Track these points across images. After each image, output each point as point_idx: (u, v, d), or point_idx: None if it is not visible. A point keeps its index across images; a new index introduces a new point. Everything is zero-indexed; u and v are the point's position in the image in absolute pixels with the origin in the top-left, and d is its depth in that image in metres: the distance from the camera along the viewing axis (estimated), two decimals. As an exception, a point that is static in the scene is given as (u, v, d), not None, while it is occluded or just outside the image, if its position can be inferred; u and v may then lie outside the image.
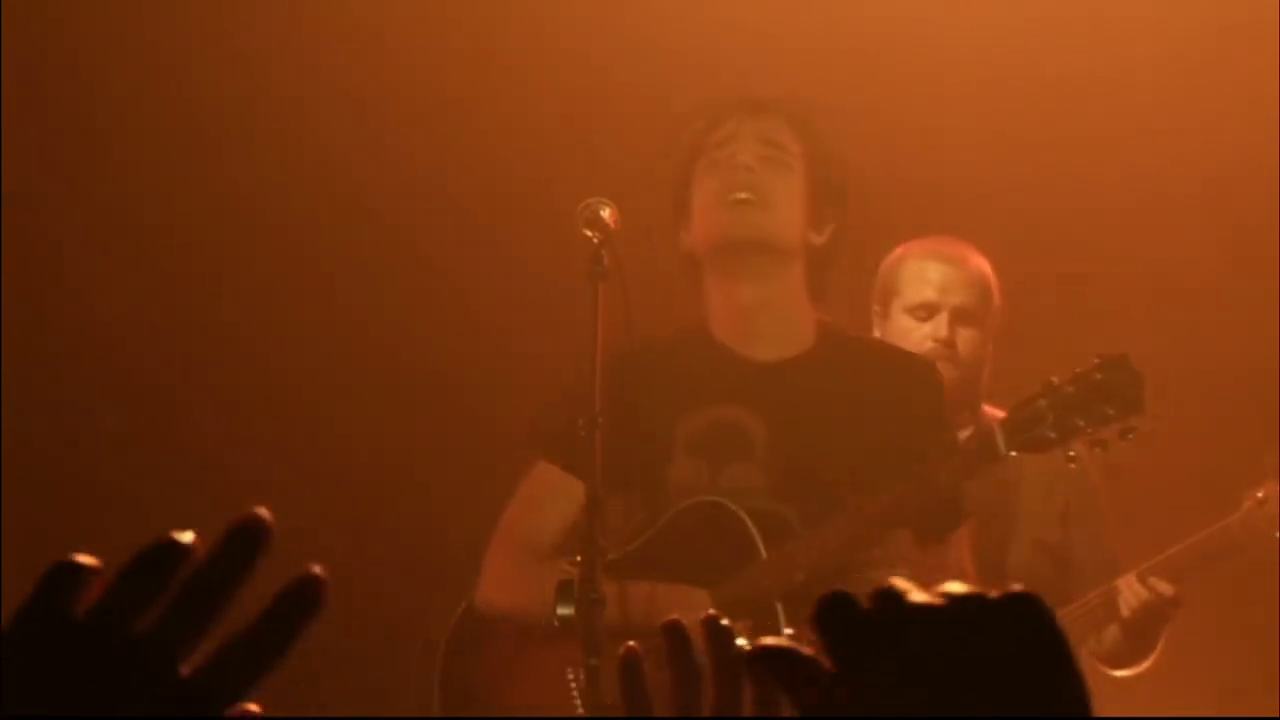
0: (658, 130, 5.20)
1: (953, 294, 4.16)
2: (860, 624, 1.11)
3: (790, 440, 3.68)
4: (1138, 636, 4.11)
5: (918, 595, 1.14)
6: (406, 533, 5.38)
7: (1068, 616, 4.09)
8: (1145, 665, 4.21)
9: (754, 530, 3.55)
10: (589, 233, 3.53)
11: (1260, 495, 4.03)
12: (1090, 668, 4.25)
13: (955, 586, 1.15)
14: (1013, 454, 3.56)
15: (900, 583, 1.14)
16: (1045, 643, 1.15)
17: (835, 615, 1.12)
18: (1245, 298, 5.28)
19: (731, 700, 1.26)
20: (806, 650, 1.13)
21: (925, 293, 4.18)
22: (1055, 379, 3.56)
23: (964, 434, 3.94)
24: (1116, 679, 4.28)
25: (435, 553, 5.01)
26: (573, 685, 3.65)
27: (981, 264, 4.23)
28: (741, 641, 1.26)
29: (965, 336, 4.17)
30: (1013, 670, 1.12)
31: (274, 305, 5.46)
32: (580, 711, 3.60)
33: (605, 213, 3.54)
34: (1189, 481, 4.83)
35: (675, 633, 1.29)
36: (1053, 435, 3.53)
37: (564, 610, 3.42)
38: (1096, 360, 3.56)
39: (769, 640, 1.14)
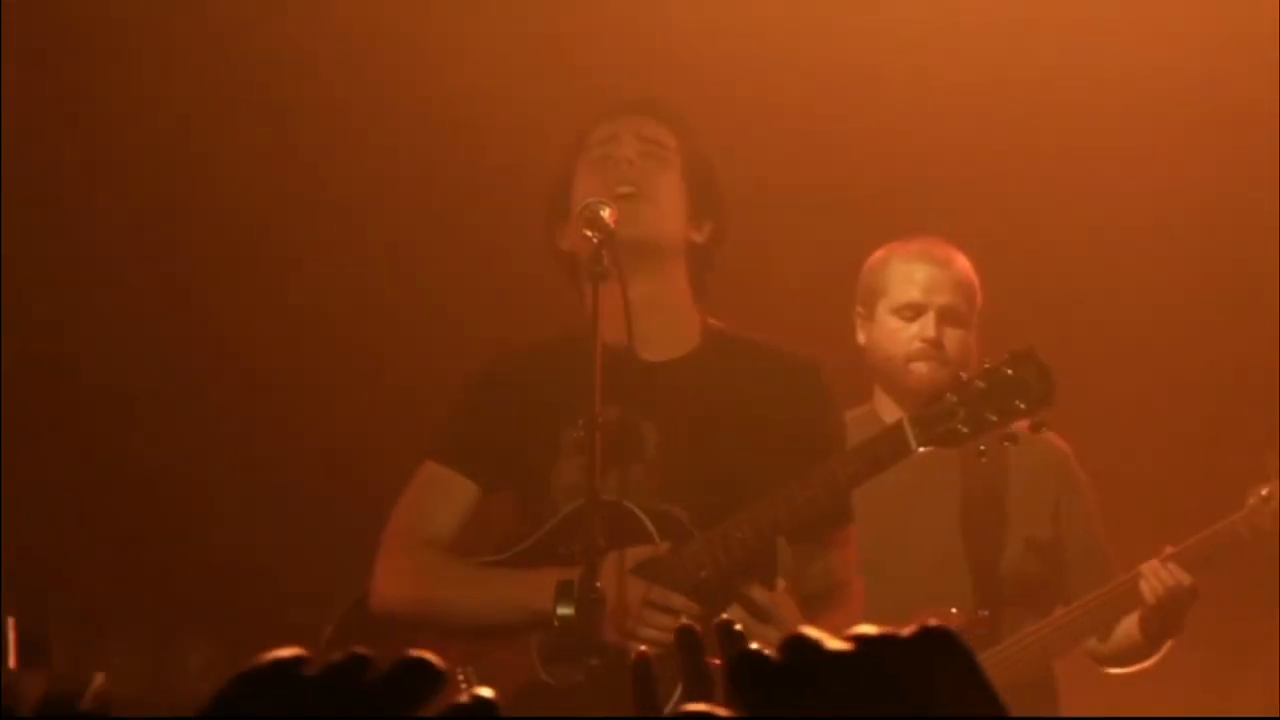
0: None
1: (939, 294, 4.19)
2: (773, 676, 1.12)
3: (679, 440, 3.67)
4: (1158, 625, 4.12)
5: (830, 643, 1.14)
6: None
7: (1082, 610, 4.10)
8: (1148, 663, 4.21)
9: (651, 528, 3.55)
10: (588, 233, 3.53)
11: (1265, 493, 4.06)
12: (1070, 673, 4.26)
13: (866, 629, 1.15)
14: (922, 450, 3.56)
15: (811, 631, 1.14)
16: (961, 676, 1.14)
17: (748, 669, 1.13)
18: (1245, 295, 5.28)
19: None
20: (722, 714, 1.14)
21: (911, 293, 4.20)
22: (964, 375, 3.58)
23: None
24: (1112, 681, 4.28)
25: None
26: (463, 685, 3.64)
27: (965, 265, 4.26)
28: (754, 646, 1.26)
29: (952, 336, 4.19)
30: (930, 706, 1.12)
31: (271, 307, 5.46)
32: None
33: (605, 213, 3.54)
34: (1192, 480, 4.84)
35: (688, 639, 1.28)
36: (965, 430, 3.53)
37: (564, 610, 3.41)
38: (1006, 355, 3.58)
39: (690, 708, 1.14)
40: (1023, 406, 3.54)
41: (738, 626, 1.24)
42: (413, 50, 5.33)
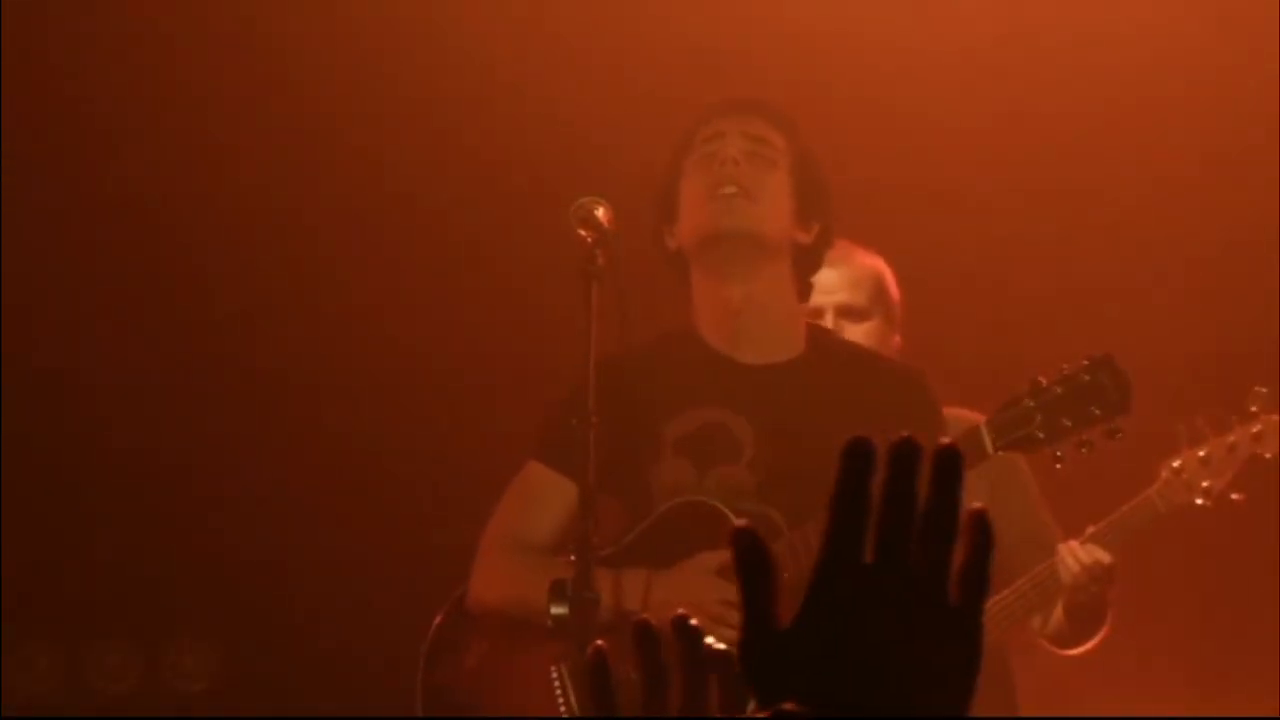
0: (654, 129, 5.22)
1: (834, 294, 4.20)
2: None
3: (778, 444, 3.68)
4: (1081, 608, 4.08)
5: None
6: (400, 533, 5.37)
7: (1014, 593, 4.09)
8: (1092, 644, 4.19)
9: None
10: (583, 232, 3.53)
11: (1176, 465, 4.03)
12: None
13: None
14: (999, 454, 3.56)
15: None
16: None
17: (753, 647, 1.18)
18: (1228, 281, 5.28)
19: (698, 700, 1.25)
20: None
21: (815, 298, 4.20)
22: (1043, 380, 3.58)
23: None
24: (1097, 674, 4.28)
25: (428, 553, 5.01)
26: (556, 683, 3.65)
27: (870, 261, 4.28)
28: (710, 640, 1.26)
29: (856, 334, 4.20)
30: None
31: (269, 305, 5.46)
32: (563, 709, 3.61)
33: (599, 212, 3.54)
34: (1106, 457, 4.81)
35: (644, 633, 1.28)
36: (1040, 436, 3.54)
37: (558, 610, 3.42)
38: (1085, 362, 3.58)
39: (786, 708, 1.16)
40: (1098, 413, 3.54)
41: (693, 621, 1.25)
42: (432, 46, 5.32)
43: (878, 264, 4.30)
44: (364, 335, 5.44)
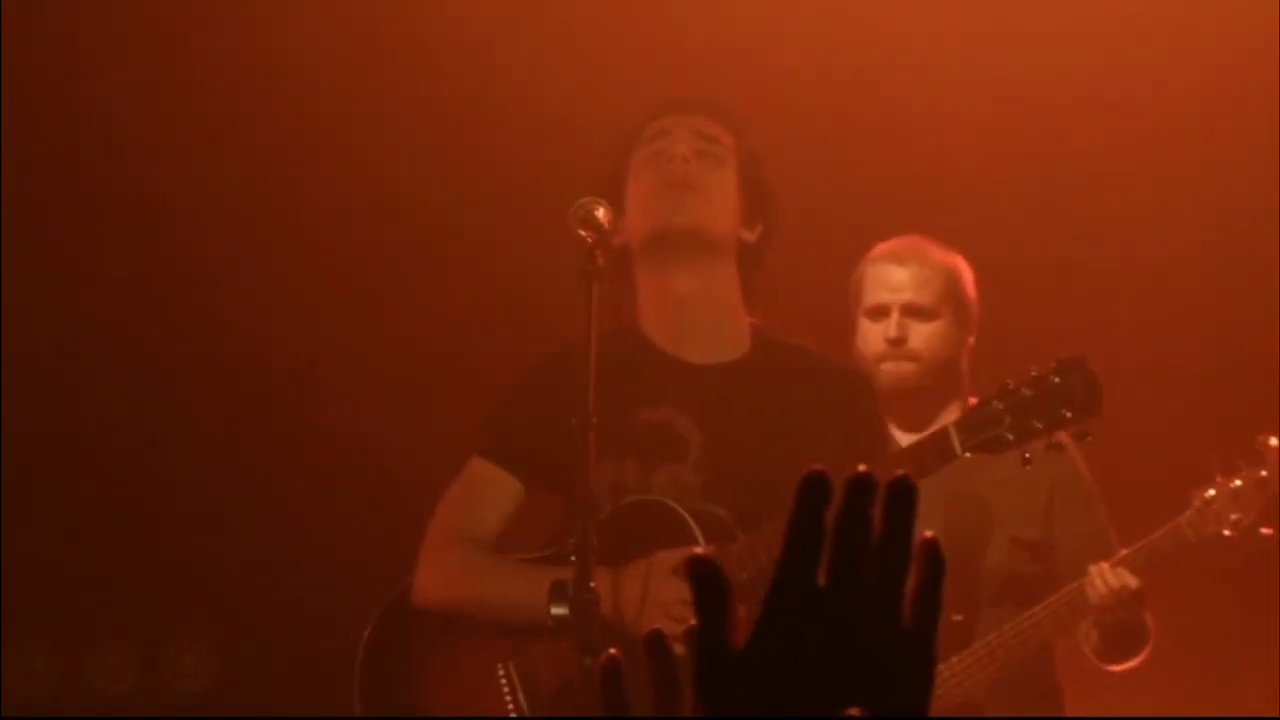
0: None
1: (902, 292, 4.18)
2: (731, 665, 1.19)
3: (725, 444, 3.67)
4: (1111, 628, 4.09)
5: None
6: (399, 533, 5.37)
7: (1045, 609, 4.09)
8: (1135, 661, 4.20)
9: (695, 529, 3.55)
10: (583, 232, 3.53)
11: (1209, 495, 4.03)
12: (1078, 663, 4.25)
13: None
14: (967, 455, 3.57)
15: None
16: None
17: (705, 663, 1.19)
18: (1243, 292, 5.28)
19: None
20: None
21: (879, 295, 4.21)
22: (1010, 381, 3.58)
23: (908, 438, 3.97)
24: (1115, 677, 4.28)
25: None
26: (504, 682, 3.64)
27: (944, 260, 4.24)
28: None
29: (922, 332, 4.18)
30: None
31: (268, 305, 5.46)
32: (511, 709, 3.61)
33: (599, 212, 3.54)
34: (1143, 482, 4.81)
35: (655, 643, 1.28)
36: (1010, 437, 3.54)
37: (558, 610, 3.41)
38: (1054, 363, 3.58)
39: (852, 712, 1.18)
40: (1069, 415, 3.55)
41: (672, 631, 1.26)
42: (424, 47, 5.33)
43: (953, 262, 4.25)
44: (363, 335, 5.44)
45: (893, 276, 4.19)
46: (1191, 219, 5.32)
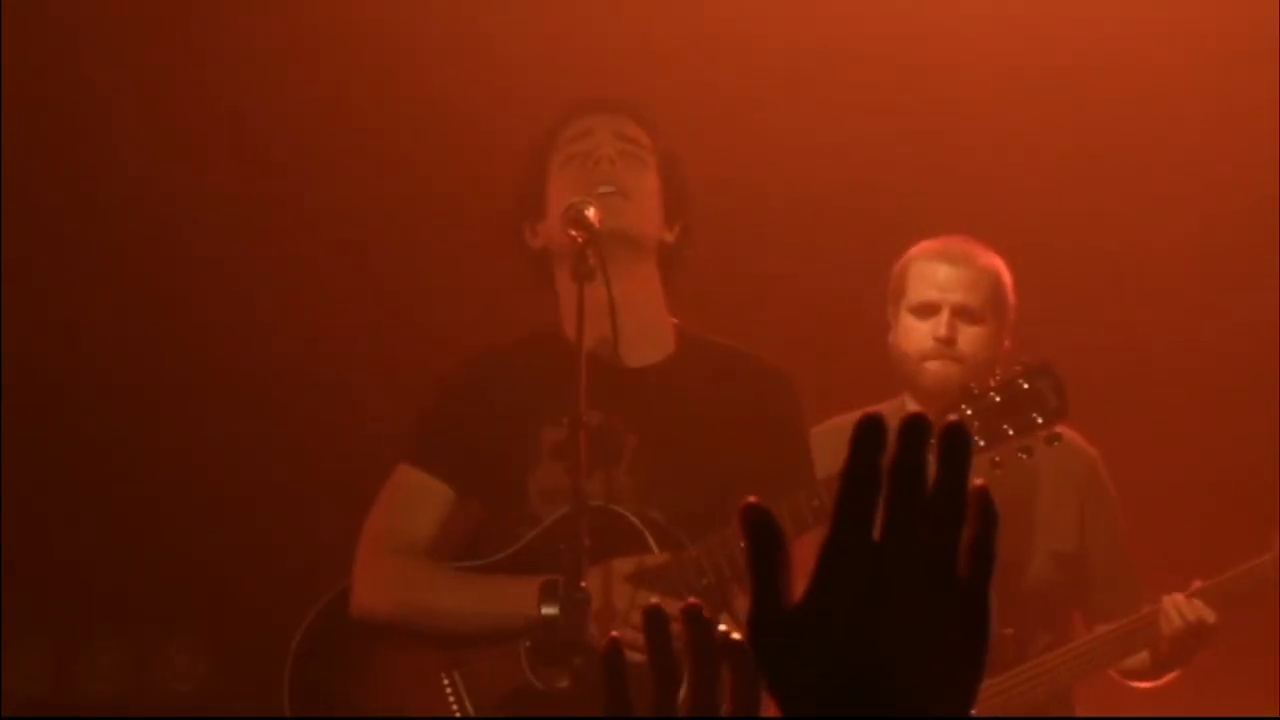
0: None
1: (954, 292, 4.13)
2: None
3: (657, 445, 3.65)
4: (1168, 658, 4.07)
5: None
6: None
7: (1097, 641, 4.07)
8: (1156, 683, 4.19)
9: (648, 534, 3.54)
10: (573, 233, 3.53)
11: None
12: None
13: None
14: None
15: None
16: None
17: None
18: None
19: (708, 693, 1.25)
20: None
21: (927, 292, 4.15)
22: (975, 386, 3.57)
23: None
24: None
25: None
26: (449, 691, 3.62)
27: (990, 263, 4.20)
28: (722, 628, 1.26)
29: (969, 334, 4.13)
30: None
31: (263, 304, 5.45)
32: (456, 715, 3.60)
33: (590, 212, 3.54)
34: (1225, 510, 4.82)
35: (655, 622, 1.27)
36: (980, 443, 3.51)
37: (549, 610, 3.41)
38: (1019, 367, 3.57)
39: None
40: (1039, 420, 3.53)
41: (703, 610, 1.24)
42: (401, 49, 5.33)
43: (997, 265, 4.21)
44: (359, 333, 5.43)
45: (942, 275, 4.14)
46: (1248, 217, 5.31)
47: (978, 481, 1.20)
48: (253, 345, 5.44)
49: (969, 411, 3.53)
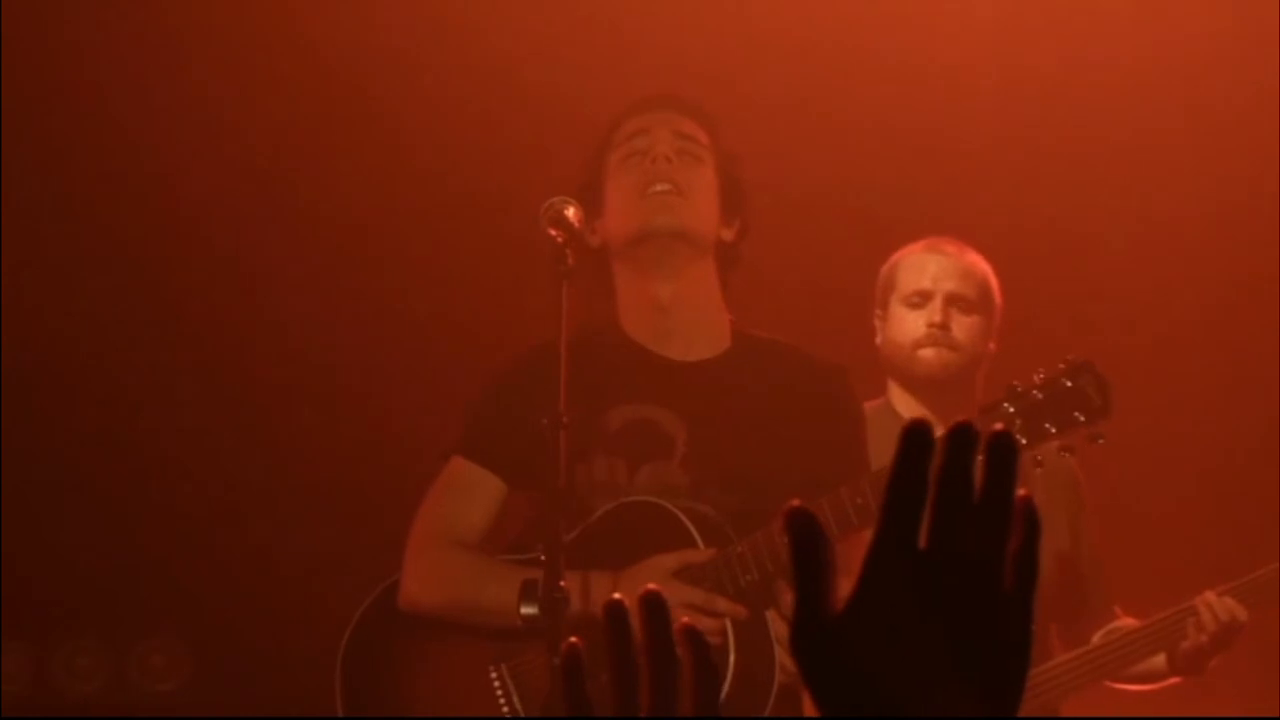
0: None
1: (946, 281, 4.15)
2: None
3: (710, 441, 3.65)
4: (1193, 658, 4.05)
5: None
6: (374, 533, 5.36)
7: (1145, 631, 4.05)
8: (1163, 685, 4.19)
9: (694, 530, 3.54)
10: (553, 232, 3.52)
11: None
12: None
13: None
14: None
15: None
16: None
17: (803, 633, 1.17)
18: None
19: (666, 677, 1.23)
20: None
21: (920, 281, 4.17)
22: (1018, 384, 3.56)
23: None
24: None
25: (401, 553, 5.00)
26: (497, 685, 3.62)
27: (979, 261, 4.23)
28: (686, 621, 1.24)
29: (963, 323, 4.15)
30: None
31: (241, 307, 5.45)
32: (506, 711, 3.59)
33: (569, 211, 3.53)
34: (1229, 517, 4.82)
35: (615, 613, 1.25)
36: (1022, 440, 3.50)
37: (528, 609, 3.41)
38: (1063, 366, 3.56)
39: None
40: (1081, 419, 3.52)
41: (662, 598, 1.23)
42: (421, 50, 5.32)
43: (986, 266, 4.24)
44: (347, 336, 5.42)
45: (934, 265, 4.17)
46: (1249, 216, 5.32)
47: (1022, 491, 1.19)
48: (236, 348, 5.44)
49: (1011, 409, 3.52)
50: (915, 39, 5.30)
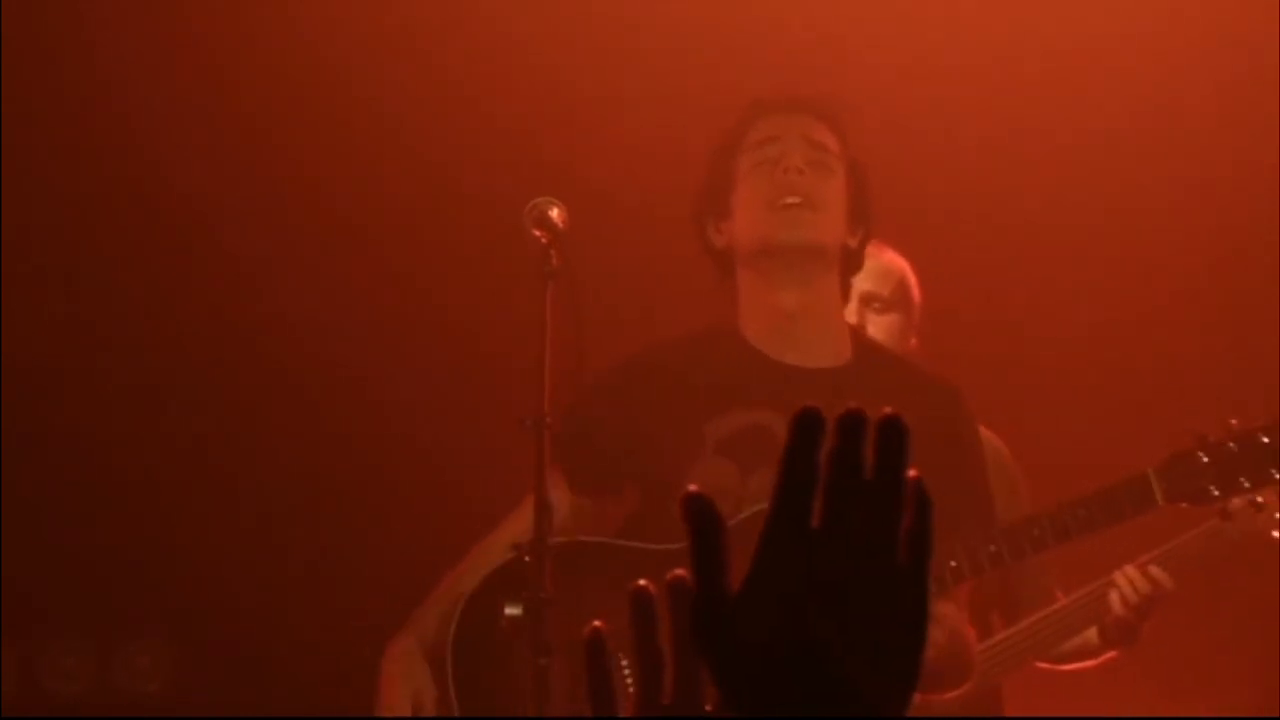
0: (609, 129, 5.23)
1: (860, 282, 4.14)
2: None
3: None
4: (1119, 632, 4.09)
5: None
6: (355, 533, 5.36)
7: (1069, 608, 4.09)
8: (1092, 663, 4.20)
9: None
10: (538, 233, 3.52)
11: (1259, 500, 4.00)
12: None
13: None
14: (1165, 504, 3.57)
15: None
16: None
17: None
18: (1243, 292, 5.28)
19: (691, 682, 1.25)
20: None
21: None
22: (1210, 435, 3.57)
23: None
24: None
25: (384, 555, 5.00)
26: (626, 670, 3.58)
27: (895, 259, 4.27)
28: None
29: (878, 323, 4.19)
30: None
31: (223, 307, 5.44)
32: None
33: (554, 212, 3.52)
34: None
35: (642, 611, 1.26)
36: (1215, 492, 3.54)
37: (512, 610, 3.40)
38: (1260, 422, 3.57)
39: None
40: (1277, 476, 3.55)
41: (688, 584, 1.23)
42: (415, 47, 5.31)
43: (903, 263, 4.28)
44: (321, 337, 5.41)
45: None
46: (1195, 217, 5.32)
47: (913, 473, 1.22)
48: (215, 349, 5.43)
49: (1205, 459, 3.54)
50: (905, 42, 5.30)
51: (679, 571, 1.25)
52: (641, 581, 1.29)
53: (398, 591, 3.88)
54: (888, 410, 1.22)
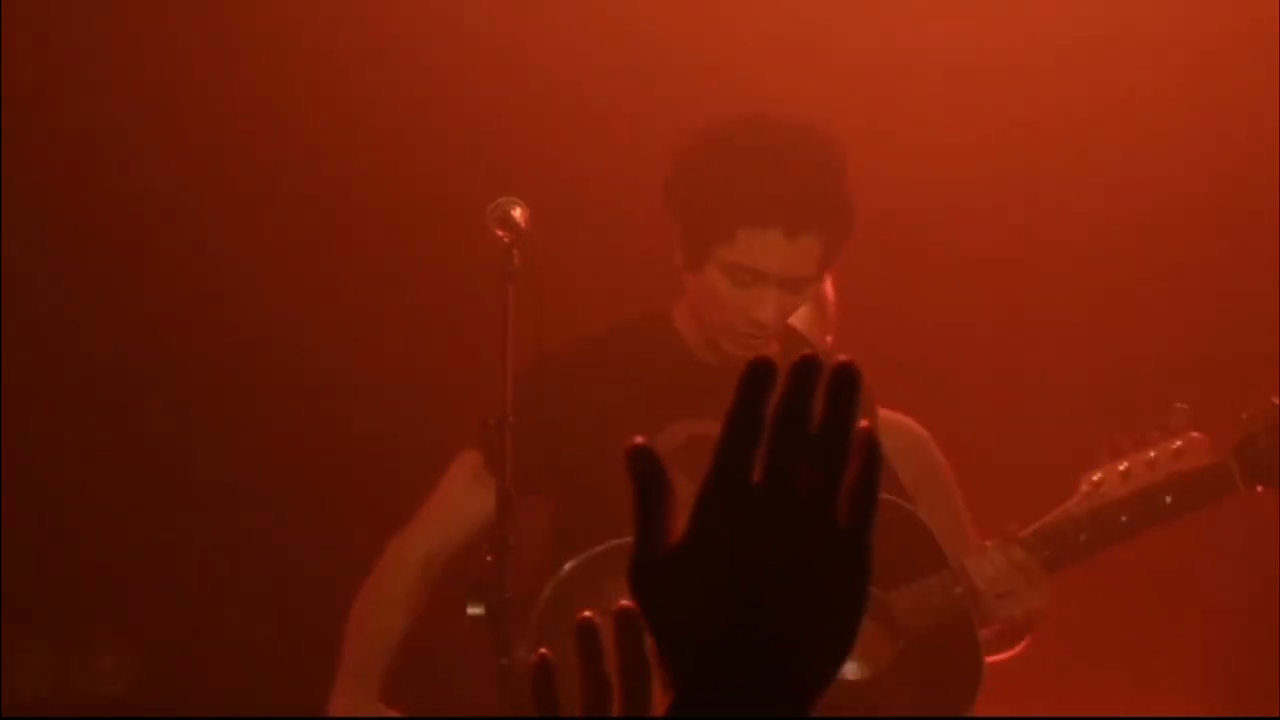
0: (572, 128, 5.23)
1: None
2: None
3: None
4: (1005, 618, 4.09)
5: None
6: (330, 533, 5.36)
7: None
8: (1010, 654, 4.19)
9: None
10: (500, 232, 3.52)
11: (1096, 478, 3.97)
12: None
13: None
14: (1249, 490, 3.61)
15: None
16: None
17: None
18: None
19: (639, 699, 1.23)
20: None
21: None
22: (1258, 418, 3.62)
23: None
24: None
25: (355, 554, 4.99)
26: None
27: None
28: None
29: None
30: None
31: (206, 304, 5.43)
32: None
33: (516, 212, 3.53)
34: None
35: (585, 631, 1.26)
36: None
37: (474, 610, 3.41)
38: None
39: None
40: None
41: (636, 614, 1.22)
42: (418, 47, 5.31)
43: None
44: (298, 337, 5.40)
45: None
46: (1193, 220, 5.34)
47: (864, 423, 1.18)
48: (187, 346, 5.42)
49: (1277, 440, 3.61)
50: (901, 43, 5.30)
51: (625, 603, 1.23)
52: (587, 613, 1.27)
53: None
54: (842, 357, 1.18)
